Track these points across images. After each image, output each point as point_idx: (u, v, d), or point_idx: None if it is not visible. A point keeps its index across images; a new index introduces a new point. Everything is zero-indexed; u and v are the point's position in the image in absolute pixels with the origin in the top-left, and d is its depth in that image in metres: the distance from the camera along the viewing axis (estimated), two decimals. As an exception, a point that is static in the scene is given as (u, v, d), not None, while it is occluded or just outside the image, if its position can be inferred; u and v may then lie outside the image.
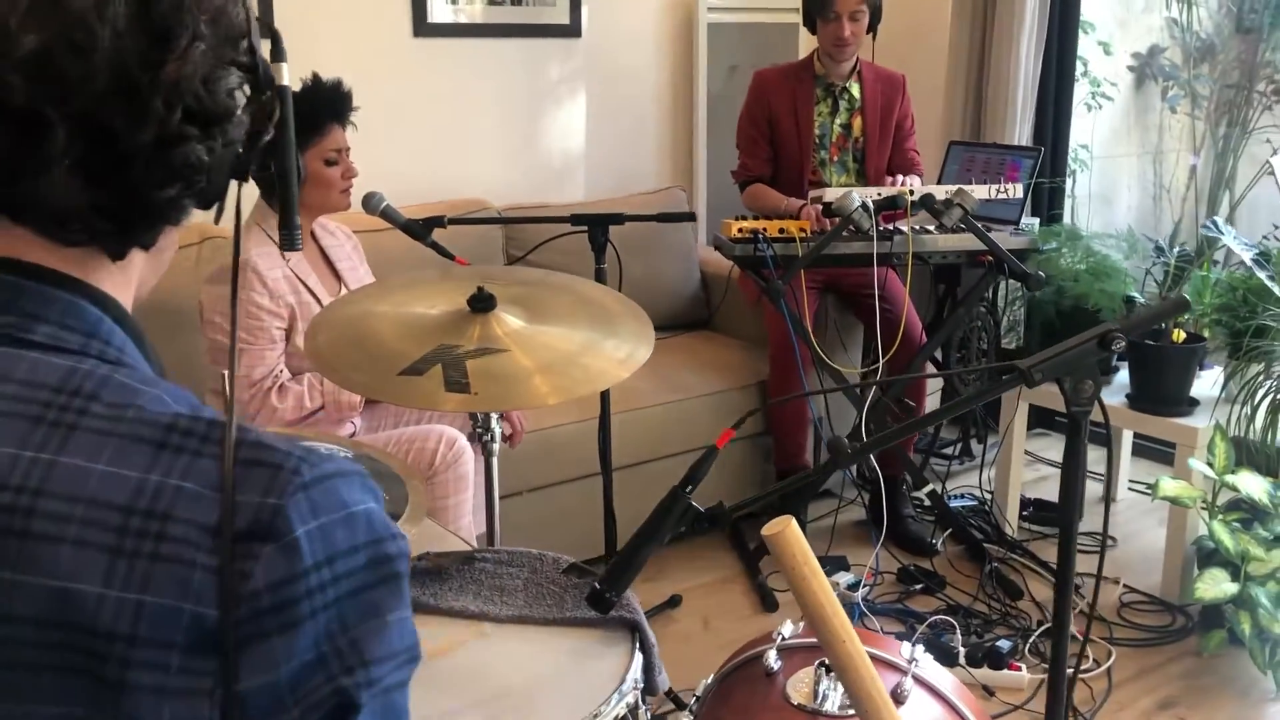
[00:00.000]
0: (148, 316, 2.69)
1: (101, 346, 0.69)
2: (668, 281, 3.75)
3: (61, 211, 0.66)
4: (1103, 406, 1.38)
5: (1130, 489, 3.72)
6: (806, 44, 4.26)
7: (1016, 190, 3.06)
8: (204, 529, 0.62)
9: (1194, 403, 3.02)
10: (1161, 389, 2.99)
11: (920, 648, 1.73)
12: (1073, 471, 1.40)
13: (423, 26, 3.53)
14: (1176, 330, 3.00)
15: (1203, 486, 2.80)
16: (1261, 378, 2.88)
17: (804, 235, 2.94)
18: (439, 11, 3.56)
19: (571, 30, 3.82)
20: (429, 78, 3.57)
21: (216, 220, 0.79)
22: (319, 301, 2.48)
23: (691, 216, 2.59)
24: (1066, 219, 4.14)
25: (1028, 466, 3.78)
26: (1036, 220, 3.77)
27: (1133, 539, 3.42)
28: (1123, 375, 3.23)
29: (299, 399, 2.39)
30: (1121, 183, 5.66)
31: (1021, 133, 3.91)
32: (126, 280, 0.75)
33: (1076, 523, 1.45)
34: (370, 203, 2.42)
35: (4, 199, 0.66)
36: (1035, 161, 3.54)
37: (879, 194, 2.92)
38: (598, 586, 1.33)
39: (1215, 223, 3.03)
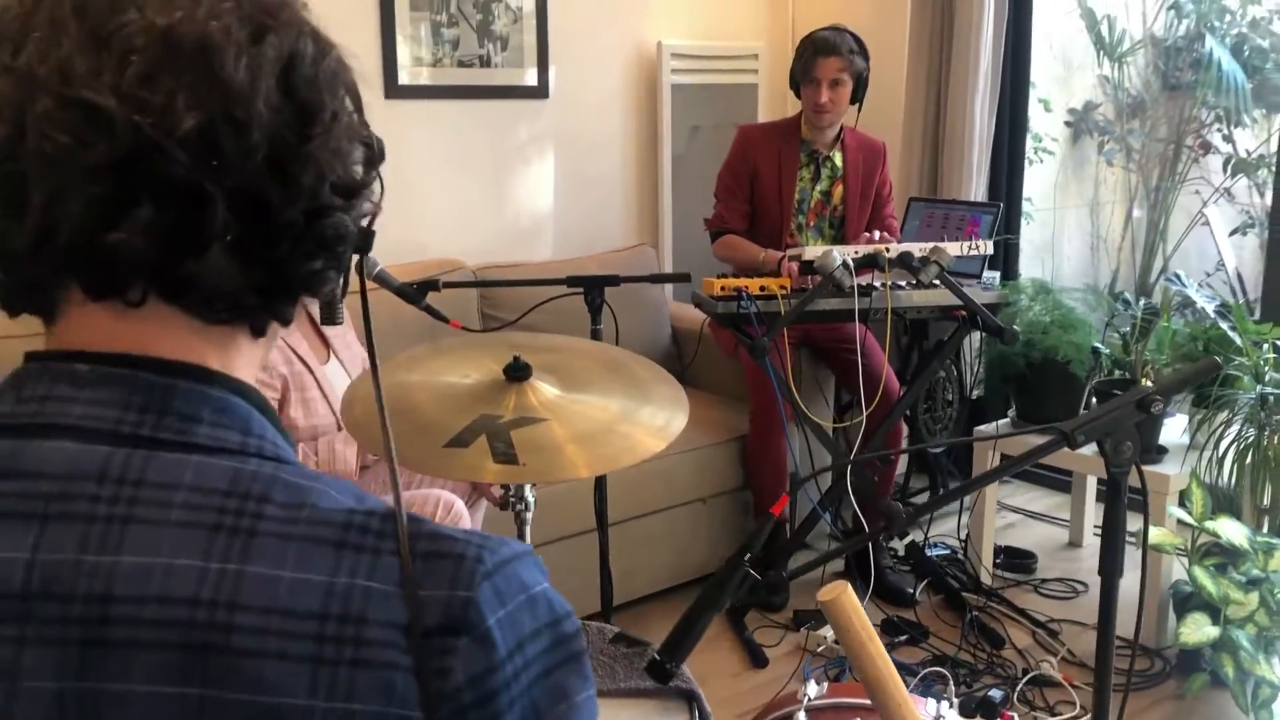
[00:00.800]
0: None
1: (258, 443, 0.68)
2: (639, 338, 3.77)
3: (217, 288, 0.66)
4: (1140, 470, 1.42)
5: (1095, 535, 3.80)
6: (765, 105, 4.36)
7: (987, 246, 3.14)
8: (398, 628, 0.62)
9: (1162, 450, 3.11)
10: (1131, 437, 3.07)
11: (946, 704, 1.75)
12: (1113, 530, 1.44)
13: (394, 89, 3.54)
14: (1144, 380, 3.10)
15: (1178, 532, 2.88)
16: (1226, 426, 2.98)
17: (785, 293, 2.99)
18: (409, 74, 3.57)
19: (539, 92, 3.86)
20: (400, 139, 3.58)
21: (342, 295, 0.80)
22: (310, 370, 2.46)
23: (686, 277, 2.62)
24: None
25: (996, 514, 3.85)
26: (997, 274, 3.88)
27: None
28: (1092, 424, 3.32)
29: (292, 468, 2.36)
30: (1062, 233, 5.85)
31: (977, 188, 4.02)
32: (255, 358, 0.74)
33: (1117, 581, 1.49)
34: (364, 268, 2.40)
35: (165, 278, 0.65)
36: (995, 217, 3.65)
37: (856, 252, 2.98)
38: (658, 657, 1.33)
39: (1179, 276, 3.14)
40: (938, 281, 2.95)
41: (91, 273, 0.64)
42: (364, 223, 0.74)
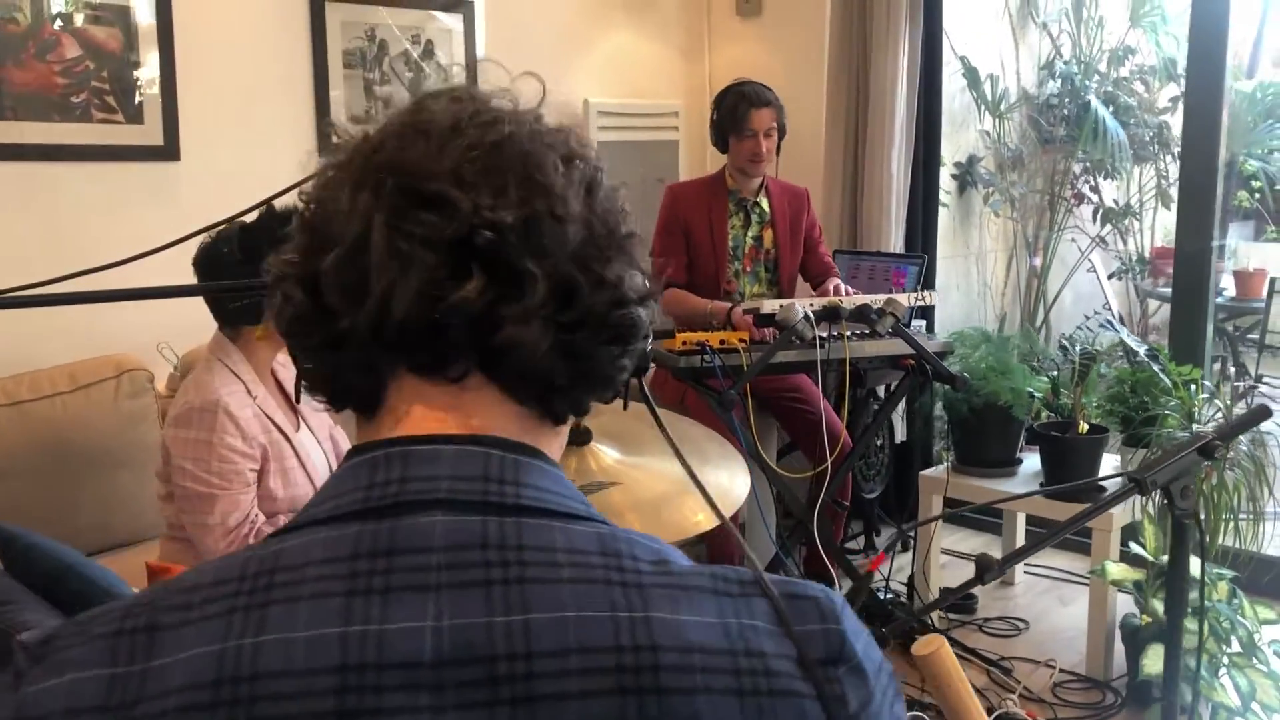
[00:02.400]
0: (67, 454, 2.57)
1: (592, 511, 0.73)
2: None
3: (530, 363, 0.71)
4: (1196, 515, 1.48)
5: (1026, 572, 3.93)
6: (686, 159, 4.44)
7: (932, 297, 3.25)
8: (791, 660, 0.67)
9: (1101, 489, 3.25)
10: (1072, 477, 3.21)
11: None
12: (1179, 572, 1.50)
13: (327, 144, 3.46)
14: (1081, 423, 3.24)
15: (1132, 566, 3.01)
16: (1161, 462, 3.14)
17: (745, 346, 3.02)
18: (342, 130, 3.50)
19: (471, 148, 3.84)
20: (334, 197, 3.49)
21: (609, 400, 0.82)
22: (288, 439, 2.37)
23: (670, 333, 2.63)
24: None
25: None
26: (923, 323, 4.01)
27: (1040, 620, 3.61)
28: (1031, 465, 3.46)
29: (272, 541, 2.26)
30: (951, 281, 6.09)
31: (896, 240, 4.16)
32: (554, 449, 0.79)
33: (1182, 621, 1.54)
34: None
35: (486, 346, 0.70)
36: (920, 268, 3.79)
37: (812, 305, 3.04)
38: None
39: (1111, 322, 3.30)
40: (892, 332, 3.04)
41: (421, 345, 0.70)
42: (645, 347, 0.81)
